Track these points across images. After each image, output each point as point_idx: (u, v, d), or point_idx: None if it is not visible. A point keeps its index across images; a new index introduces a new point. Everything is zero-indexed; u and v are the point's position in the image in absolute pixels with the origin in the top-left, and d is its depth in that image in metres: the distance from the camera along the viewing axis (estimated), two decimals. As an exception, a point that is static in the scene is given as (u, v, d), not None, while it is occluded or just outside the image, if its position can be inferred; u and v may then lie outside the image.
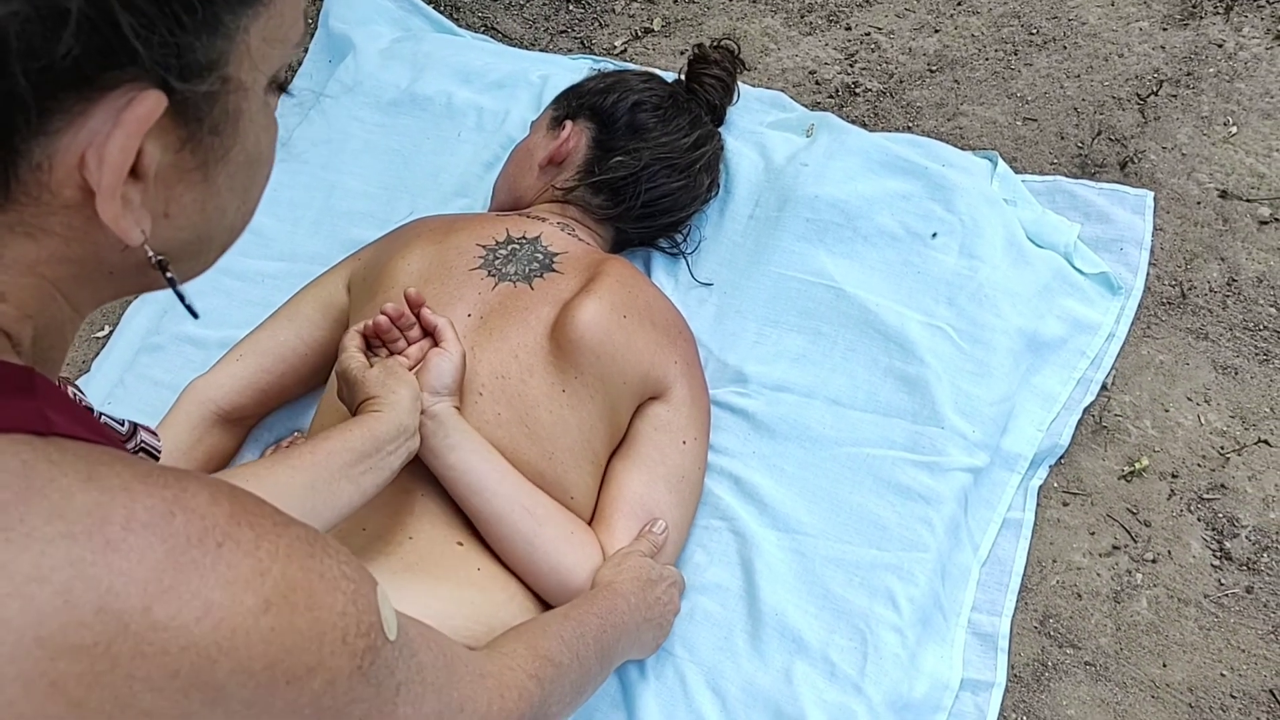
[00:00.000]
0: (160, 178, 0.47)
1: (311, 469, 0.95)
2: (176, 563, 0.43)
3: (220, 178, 0.50)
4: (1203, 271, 1.46)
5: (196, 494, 0.46)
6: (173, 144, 0.46)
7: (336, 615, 0.49)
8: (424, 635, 0.61)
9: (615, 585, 1.08)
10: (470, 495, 1.13)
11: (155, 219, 0.48)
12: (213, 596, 0.44)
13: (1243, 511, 1.29)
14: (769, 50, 1.83)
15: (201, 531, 0.45)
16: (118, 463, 0.45)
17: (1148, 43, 1.68)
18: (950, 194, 1.47)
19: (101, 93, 0.43)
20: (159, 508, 0.44)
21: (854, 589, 1.23)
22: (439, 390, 1.13)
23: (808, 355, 1.41)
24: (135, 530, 0.43)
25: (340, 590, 0.49)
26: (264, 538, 0.47)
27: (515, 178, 1.50)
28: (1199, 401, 1.36)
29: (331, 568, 0.50)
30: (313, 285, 1.43)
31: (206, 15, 0.44)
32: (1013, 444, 1.34)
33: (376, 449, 1.01)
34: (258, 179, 0.53)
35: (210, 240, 0.53)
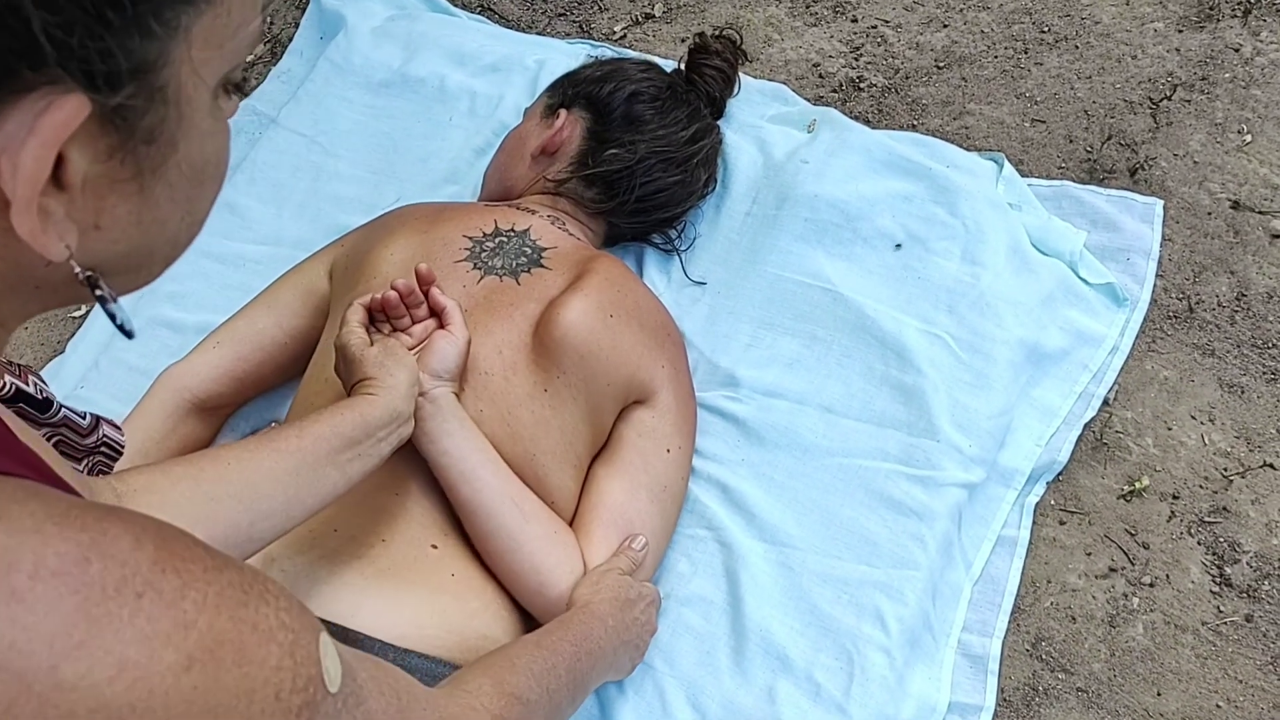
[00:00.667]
0: (89, 188, 0.42)
1: (298, 454, 0.91)
2: (89, 615, 0.40)
3: (158, 188, 0.45)
4: (1211, 285, 1.41)
5: (118, 538, 0.42)
6: (101, 153, 0.42)
7: (270, 670, 0.45)
8: (375, 680, 0.57)
9: (592, 607, 1.04)
10: (460, 483, 1.10)
11: (85, 231, 0.43)
12: (128, 653, 0.40)
13: (1244, 537, 1.25)
14: (772, 40, 1.78)
15: (120, 580, 0.41)
16: (33, 500, 0.42)
17: (1162, 45, 1.63)
18: (954, 197, 1.43)
19: (15, 96, 0.38)
20: (73, 554, 0.40)
21: (842, 607, 1.19)
22: (440, 374, 1.10)
23: (802, 360, 1.36)
24: (44, 579, 0.39)
25: (275, 642, 0.45)
26: (191, 586, 0.43)
27: (506, 167, 1.46)
28: (1203, 420, 1.32)
29: (267, 617, 0.46)
30: (294, 272, 1.39)
31: (137, 14, 0.39)
32: (1010, 459, 1.30)
33: (367, 435, 0.97)
34: (205, 189, 0.49)
35: (151, 254, 0.48)
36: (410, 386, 1.04)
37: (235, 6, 0.44)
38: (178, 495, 0.83)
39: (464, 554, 1.13)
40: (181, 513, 0.82)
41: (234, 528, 0.85)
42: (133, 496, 0.81)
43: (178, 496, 0.82)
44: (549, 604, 1.11)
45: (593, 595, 1.07)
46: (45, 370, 1.56)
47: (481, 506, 1.10)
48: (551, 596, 1.11)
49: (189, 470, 0.85)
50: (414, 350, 1.12)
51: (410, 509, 1.13)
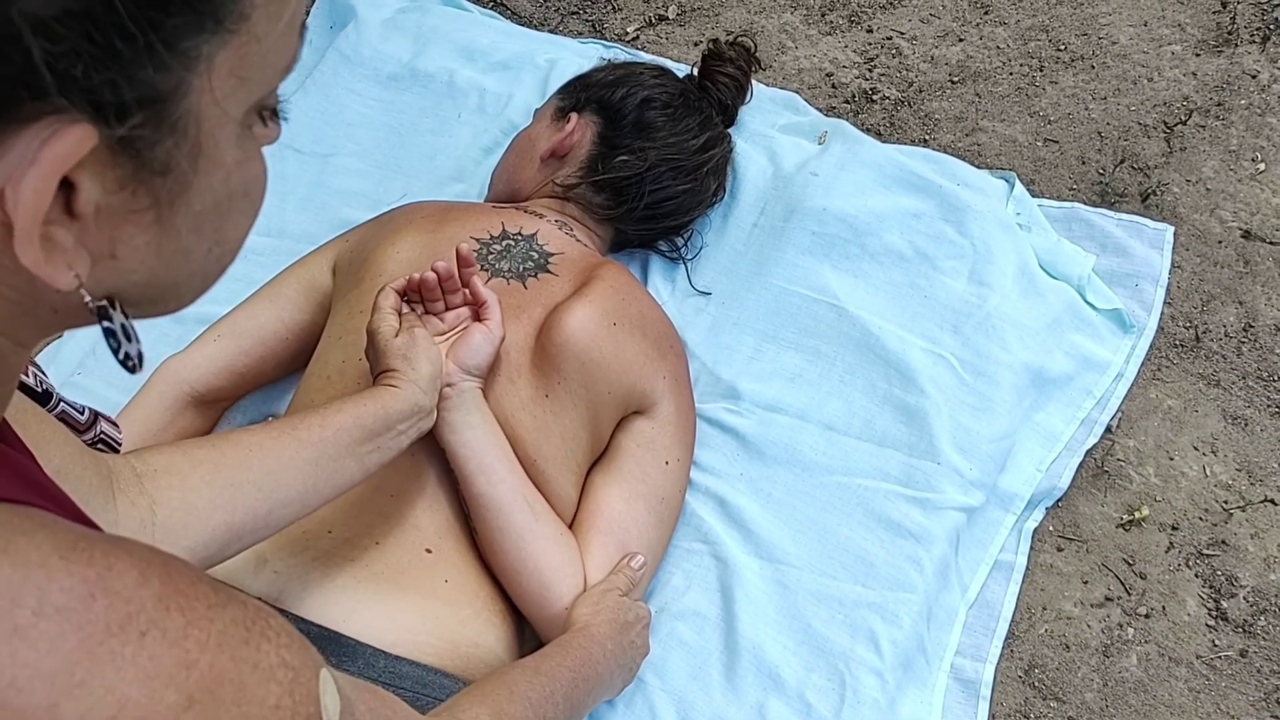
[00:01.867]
0: (103, 217, 0.41)
1: (319, 445, 0.91)
2: (92, 654, 0.39)
3: (178, 219, 0.43)
4: (1219, 314, 1.41)
5: (124, 573, 0.41)
6: (113, 183, 0.40)
7: (268, 709, 0.44)
8: (373, 710, 0.57)
9: (591, 630, 1.04)
10: (477, 476, 1.09)
11: (99, 260, 0.42)
12: (129, 693, 0.39)
13: (1243, 571, 1.24)
14: (786, 48, 1.76)
15: (124, 618, 0.40)
16: (39, 532, 0.41)
17: (1179, 68, 1.62)
18: (963, 215, 1.42)
19: (19, 125, 0.37)
20: (78, 589, 0.39)
21: (835, 627, 1.19)
22: (470, 369, 1.10)
23: (804, 375, 1.35)
24: (48, 616, 0.38)
25: (275, 680, 0.45)
26: (194, 624, 0.42)
27: (515, 169, 1.45)
28: (1205, 452, 1.32)
29: (269, 654, 0.45)
30: (297, 266, 1.38)
31: (148, 44, 0.37)
32: (1010, 483, 1.30)
33: (387, 427, 0.97)
34: (232, 220, 0.47)
35: (174, 285, 0.47)
36: (432, 380, 1.04)
37: (264, 34, 0.42)
38: (198, 479, 0.83)
39: (458, 560, 1.13)
40: (201, 496, 0.82)
41: (251, 514, 0.85)
42: (153, 477, 0.81)
43: (197, 480, 0.83)
44: (548, 606, 1.10)
45: (592, 617, 1.06)
46: (41, 356, 1.55)
47: (494, 501, 1.09)
48: (551, 598, 1.10)
49: (210, 454, 0.85)
50: (445, 336, 1.12)
51: (406, 512, 1.12)
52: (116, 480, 0.78)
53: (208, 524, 0.82)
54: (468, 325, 1.13)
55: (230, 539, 0.84)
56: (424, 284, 1.11)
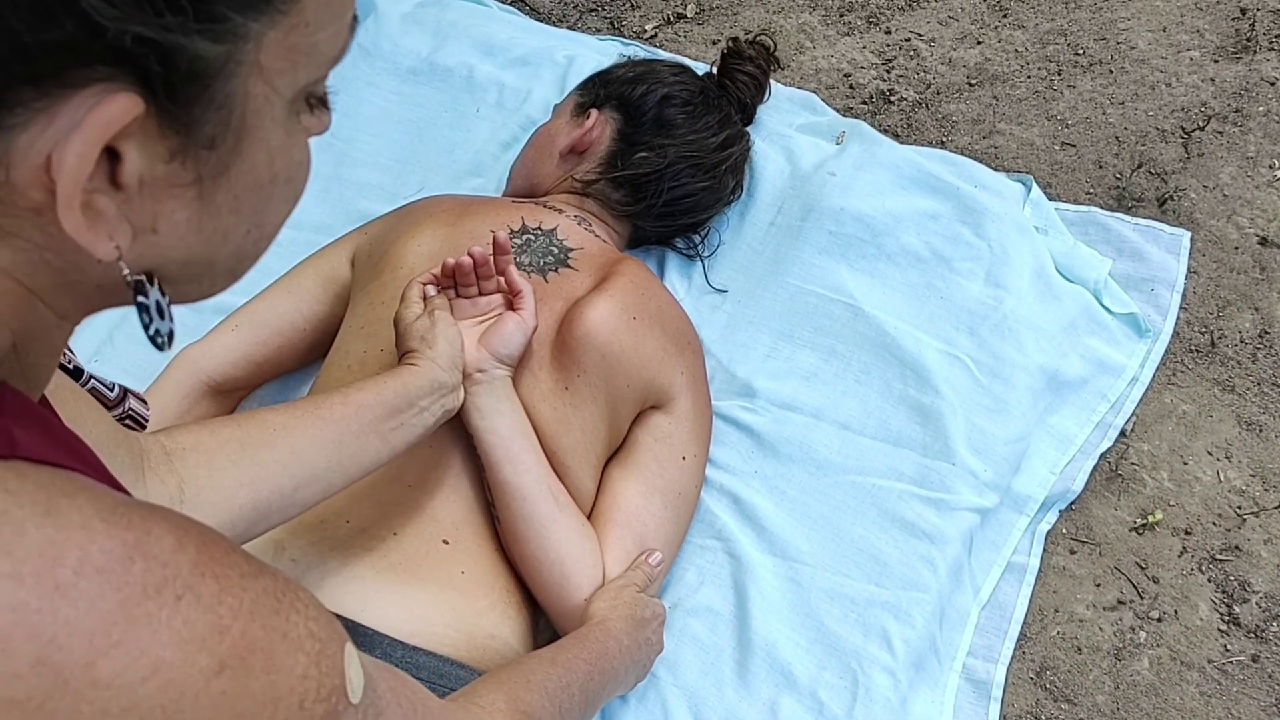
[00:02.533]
0: (147, 190, 0.42)
1: (342, 422, 0.92)
2: (129, 615, 0.39)
3: (219, 197, 0.44)
4: (1235, 320, 1.41)
5: (161, 538, 0.42)
6: (159, 154, 0.41)
7: (296, 679, 0.45)
8: (394, 690, 0.57)
9: (608, 624, 1.04)
10: (504, 463, 1.10)
11: (141, 234, 0.43)
12: (164, 655, 0.40)
13: (1255, 576, 1.24)
14: (804, 48, 1.77)
15: (161, 581, 0.41)
16: (81, 494, 0.41)
17: (1197, 74, 1.62)
18: (980, 218, 1.42)
19: (69, 90, 0.38)
20: (118, 551, 0.40)
21: (849, 625, 1.19)
22: (501, 357, 1.10)
23: (820, 374, 1.36)
24: (88, 575, 0.39)
25: (304, 651, 0.45)
26: (228, 591, 0.43)
27: (534, 164, 1.45)
28: (1220, 457, 1.32)
29: (297, 625, 0.46)
30: (315, 257, 1.39)
31: (199, 16, 0.38)
32: (1024, 485, 1.30)
33: (409, 404, 0.98)
34: (273, 203, 0.47)
35: (212, 265, 0.47)
36: (452, 358, 1.05)
37: (314, 18, 0.42)
38: (224, 458, 0.83)
39: (475, 551, 1.13)
40: (227, 475, 0.83)
41: (276, 492, 0.86)
42: (181, 455, 0.82)
43: (224, 459, 0.83)
44: (567, 598, 1.11)
45: (610, 611, 1.06)
46: (60, 342, 1.55)
47: (520, 490, 1.10)
48: (570, 589, 1.11)
49: (235, 433, 0.86)
50: (477, 321, 1.13)
51: (423, 503, 1.13)
52: (146, 458, 0.79)
53: (234, 502, 0.83)
54: (501, 313, 1.13)
55: (256, 517, 0.85)
56: (459, 268, 1.12)
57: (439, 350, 1.04)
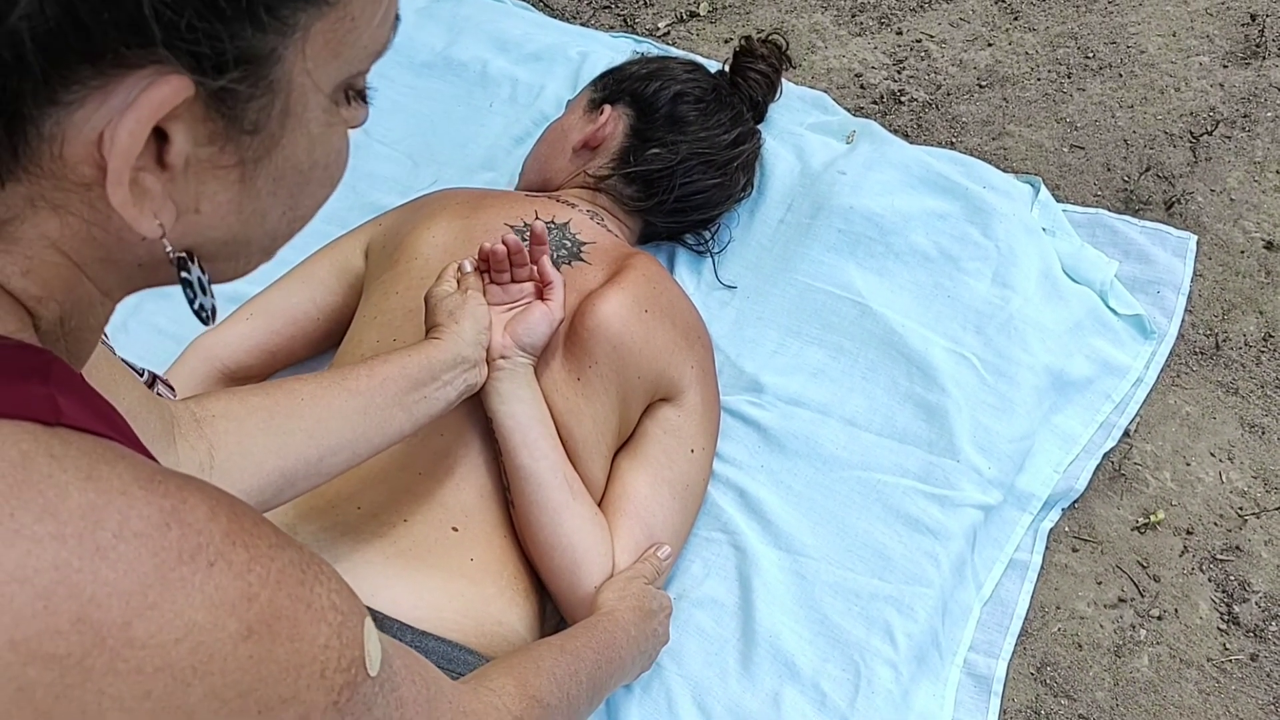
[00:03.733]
0: (192, 171, 0.44)
1: (367, 394, 0.94)
2: (165, 579, 0.41)
3: (260, 180, 0.46)
4: (1239, 323, 1.42)
5: (196, 507, 0.44)
6: (204, 137, 0.43)
7: (319, 648, 0.46)
8: (409, 668, 0.59)
9: (617, 614, 1.05)
10: (521, 448, 1.11)
11: (185, 213, 0.45)
12: (196, 618, 0.42)
13: (1255, 576, 1.26)
14: (816, 48, 1.78)
15: (195, 548, 0.42)
16: (121, 462, 0.43)
17: (1206, 79, 1.63)
18: (988, 218, 1.44)
19: (124, 70, 0.40)
20: (155, 517, 0.42)
21: (852, 619, 1.21)
22: (525, 345, 1.12)
23: (827, 371, 1.37)
24: (127, 539, 0.41)
25: (326, 622, 0.47)
26: (257, 560, 0.45)
27: (547, 158, 1.47)
28: (1222, 458, 1.33)
29: (321, 597, 0.47)
30: (330, 248, 1.40)
31: (250, 6, 0.40)
32: (1027, 483, 1.31)
33: (432, 378, 1.00)
34: (311, 189, 0.50)
35: (248, 244, 0.50)
36: (476, 334, 1.06)
37: (360, 13, 0.44)
38: (253, 425, 0.86)
39: (484, 538, 1.14)
40: (255, 442, 0.85)
41: (303, 461, 0.88)
42: (210, 422, 0.84)
43: (252, 427, 0.85)
44: (577, 585, 1.12)
45: (618, 602, 1.08)
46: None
47: (535, 475, 1.11)
48: (581, 576, 1.12)
49: (264, 401, 0.88)
50: (507, 308, 1.15)
51: (433, 489, 1.14)
52: (177, 424, 0.81)
53: (262, 468, 0.85)
54: (530, 302, 1.15)
55: (284, 484, 0.87)
56: (493, 255, 1.14)
57: (465, 326, 1.06)
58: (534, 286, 1.16)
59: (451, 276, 1.14)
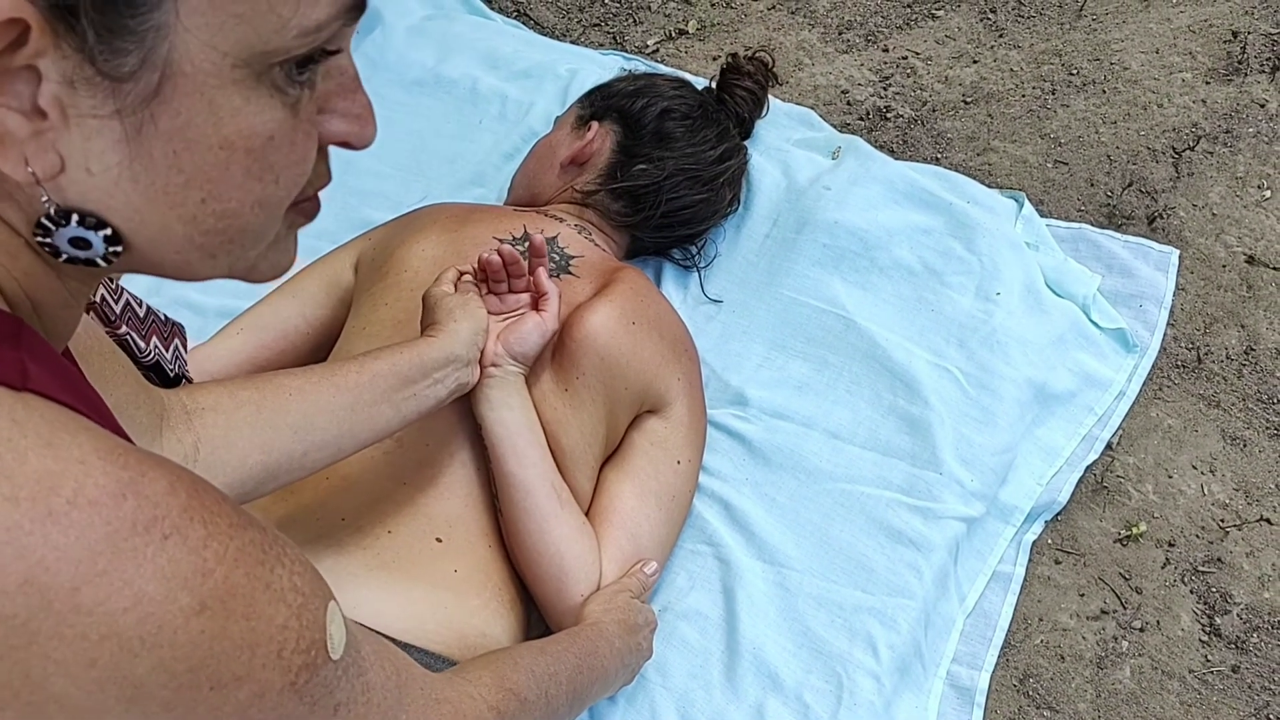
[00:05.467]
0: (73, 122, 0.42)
1: (356, 390, 0.94)
2: (116, 547, 0.42)
3: (155, 150, 0.44)
4: (1221, 337, 1.43)
5: (155, 480, 0.44)
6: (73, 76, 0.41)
7: (276, 628, 0.47)
8: (378, 654, 0.59)
9: (601, 626, 1.06)
10: (510, 456, 1.12)
11: (75, 170, 0.44)
12: (146, 588, 0.42)
13: (1237, 588, 1.26)
14: (803, 65, 1.80)
15: (150, 520, 0.43)
16: (83, 433, 0.44)
17: (1189, 95, 1.65)
18: (972, 233, 1.45)
19: None
20: (112, 487, 0.42)
21: (835, 630, 1.21)
22: (517, 355, 1.13)
23: (811, 384, 1.38)
24: (81, 506, 0.41)
25: (285, 603, 0.48)
26: (215, 537, 0.45)
27: (535, 174, 1.48)
28: (1204, 471, 1.34)
29: (281, 578, 0.48)
30: (319, 263, 1.41)
31: None
32: (1010, 496, 1.32)
33: (423, 375, 1.00)
34: (231, 174, 0.46)
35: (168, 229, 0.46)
36: (473, 334, 1.07)
37: None
38: (240, 419, 0.86)
39: (468, 550, 1.15)
40: (242, 436, 0.86)
41: (287, 455, 0.89)
42: (200, 414, 0.85)
43: (239, 421, 0.86)
44: (564, 594, 1.13)
45: (603, 614, 1.08)
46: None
47: (523, 483, 1.12)
48: (568, 585, 1.13)
49: (253, 395, 0.89)
50: (501, 317, 1.16)
51: (417, 499, 1.15)
52: (167, 416, 0.82)
53: (245, 462, 0.86)
54: (524, 312, 1.16)
55: (265, 478, 0.88)
56: (489, 264, 1.15)
57: (461, 325, 1.06)
58: (530, 297, 1.18)
59: (450, 278, 1.15)
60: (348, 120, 0.51)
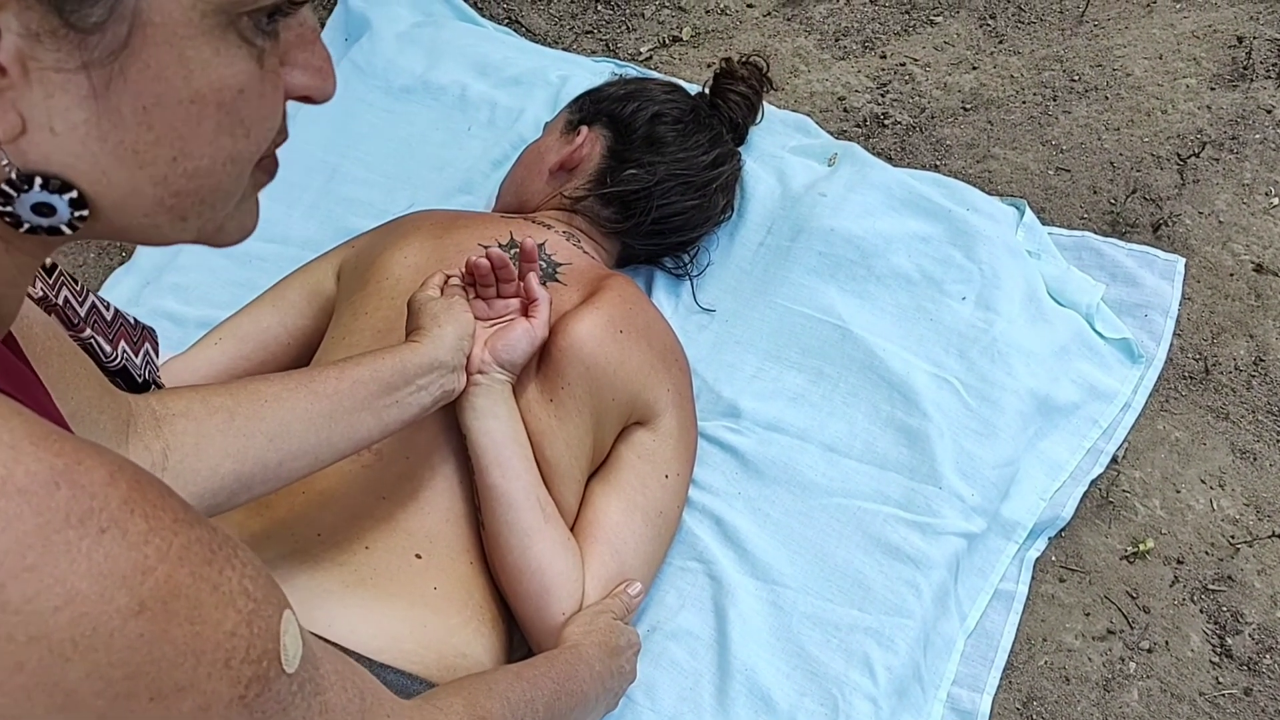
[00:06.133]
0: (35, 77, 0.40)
1: (334, 397, 0.90)
2: (47, 540, 0.38)
3: (124, 105, 0.41)
4: (1229, 347, 1.39)
5: (93, 469, 0.40)
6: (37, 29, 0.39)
7: (223, 634, 0.43)
8: (341, 674, 0.55)
9: (580, 649, 1.01)
10: (493, 468, 1.08)
11: (37, 130, 0.41)
12: (79, 586, 0.39)
13: (1248, 607, 1.22)
14: (799, 71, 1.76)
15: (86, 512, 0.39)
16: (16, 418, 0.40)
17: (1194, 101, 1.61)
18: (972, 240, 1.41)
19: None
20: (44, 475, 0.39)
21: (830, 651, 1.16)
22: (504, 362, 1.09)
23: (806, 395, 1.34)
24: (8, 495, 0.38)
25: (234, 607, 0.44)
26: (157, 532, 0.41)
27: (523, 180, 1.45)
28: (1213, 485, 1.29)
29: (230, 581, 0.44)
30: (301, 271, 1.38)
31: None
32: (1012, 511, 1.28)
33: (406, 381, 0.96)
34: (203, 129, 0.44)
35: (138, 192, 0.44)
36: (458, 340, 1.03)
37: None
38: (212, 426, 0.82)
39: (449, 565, 1.11)
40: (214, 444, 0.82)
41: (261, 465, 0.85)
42: (170, 420, 0.81)
43: (211, 428, 0.82)
44: (545, 611, 1.09)
45: (583, 636, 1.04)
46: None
47: (506, 495, 1.08)
48: (550, 602, 1.09)
49: (226, 402, 0.85)
50: (490, 323, 1.12)
51: (397, 514, 1.11)
52: (134, 422, 0.78)
53: (217, 472, 0.82)
54: (513, 318, 1.12)
55: (238, 488, 0.84)
56: (476, 268, 1.12)
57: (446, 330, 1.02)
58: (519, 304, 1.14)
59: (436, 283, 1.12)
60: (309, 73, 0.48)
